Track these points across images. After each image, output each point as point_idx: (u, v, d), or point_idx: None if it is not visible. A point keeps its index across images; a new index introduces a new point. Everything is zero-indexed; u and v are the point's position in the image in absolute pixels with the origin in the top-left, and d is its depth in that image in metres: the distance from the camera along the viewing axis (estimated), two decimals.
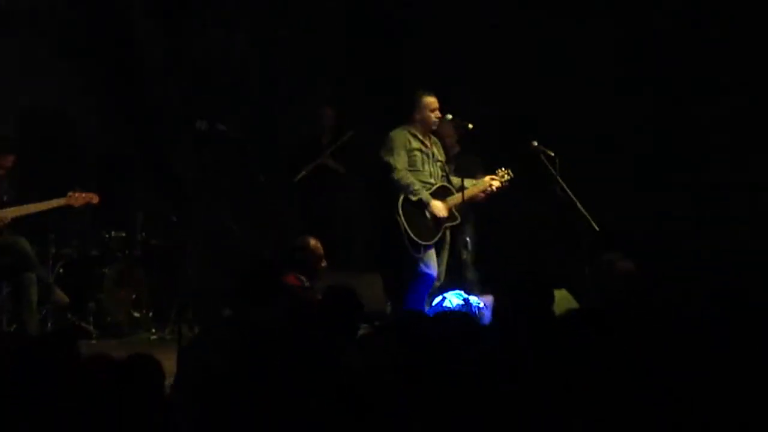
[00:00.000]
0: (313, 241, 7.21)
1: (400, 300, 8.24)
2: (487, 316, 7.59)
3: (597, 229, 7.84)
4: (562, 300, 6.38)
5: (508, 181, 8.55)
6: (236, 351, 4.28)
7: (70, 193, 8.28)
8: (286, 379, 3.99)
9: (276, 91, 10.75)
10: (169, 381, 4.20)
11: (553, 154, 8.10)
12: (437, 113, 8.32)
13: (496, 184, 8.50)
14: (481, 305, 7.95)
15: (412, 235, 8.12)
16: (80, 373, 3.95)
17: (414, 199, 8.16)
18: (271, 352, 4.25)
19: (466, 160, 9.00)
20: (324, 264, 7.22)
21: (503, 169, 8.56)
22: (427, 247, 8.19)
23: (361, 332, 5.16)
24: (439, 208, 8.23)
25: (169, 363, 4.45)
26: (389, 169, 8.20)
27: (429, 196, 8.22)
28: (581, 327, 4.12)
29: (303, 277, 7.00)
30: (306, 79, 10.77)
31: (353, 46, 10.79)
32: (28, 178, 8.94)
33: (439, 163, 8.47)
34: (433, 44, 10.30)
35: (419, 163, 8.33)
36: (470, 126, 8.28)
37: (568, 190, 7.98)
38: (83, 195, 8.33)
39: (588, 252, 7.68)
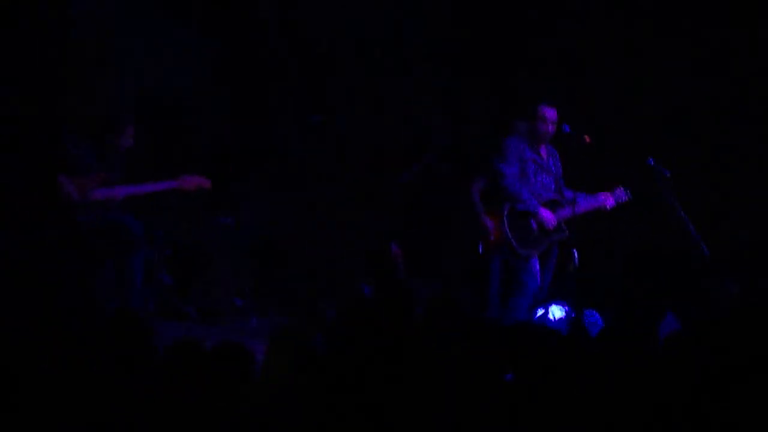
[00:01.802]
0: (394, 250, 7.18)
1: (499, 309, 8.18)
2: (589, 329, 7.49)
3: (707, 253, 7.69)
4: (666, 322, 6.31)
5: (624, 200, 8.39)
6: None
7: (182, 176, 8.30)
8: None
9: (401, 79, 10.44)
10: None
11: (668, 174, 7.97)
12: (551, 127, 8.21)
13: (611, 202, 8.38)
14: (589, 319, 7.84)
15: (513, 243, 8.05)
16: (166, 359, 3.97)
17: (521, 208, 8.09)
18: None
19: None
20: (401, 271, 7.19)
21: (620, 187, 8.40)
22: (530, 257, 8.11)
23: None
24: (547, 218, 8.15)
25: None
26: (500, 176, 8.14)
27: (537, 206, 8.13)
28: (686, 349, 4.06)
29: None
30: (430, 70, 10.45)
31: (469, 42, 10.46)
32: (141, 159, 9.00)
33: (552, 175, 8.38)
34: (554, 52, 10.10)
35: (531, 173, 8.24)
36: (587, 139, 8.15)
37: (681, 212, 7.83)
38: (195, 179, 8.34)
39: (696, 275, 7.55)
